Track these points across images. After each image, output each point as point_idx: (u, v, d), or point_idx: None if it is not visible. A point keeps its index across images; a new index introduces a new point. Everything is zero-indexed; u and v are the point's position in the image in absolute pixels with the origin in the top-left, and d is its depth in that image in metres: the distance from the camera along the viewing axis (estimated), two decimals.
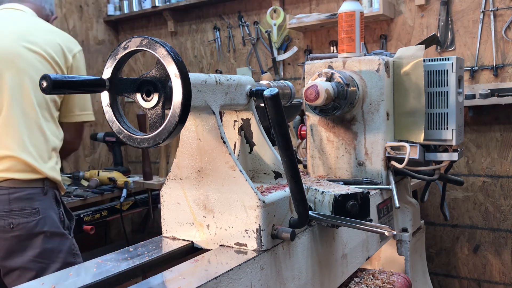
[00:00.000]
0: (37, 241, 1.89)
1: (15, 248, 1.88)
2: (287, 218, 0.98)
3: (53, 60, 1.98)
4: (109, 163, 4.13)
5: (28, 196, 1.88)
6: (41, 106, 1.93)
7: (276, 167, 1.09)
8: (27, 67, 1.91)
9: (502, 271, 2.87)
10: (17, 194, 1.86)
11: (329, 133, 1.51)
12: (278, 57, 3.38)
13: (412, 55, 1.45)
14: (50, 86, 0.71)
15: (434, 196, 2.97)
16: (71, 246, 1.99)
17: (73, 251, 2.00)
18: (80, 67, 2.12)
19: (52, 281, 0.83)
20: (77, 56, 2.10)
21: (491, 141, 2.81)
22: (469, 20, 2.81)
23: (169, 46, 0.78)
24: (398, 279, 1.29)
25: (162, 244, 1.01)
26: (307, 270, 1.04)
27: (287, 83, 1.26)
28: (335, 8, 3.19)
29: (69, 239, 1.99)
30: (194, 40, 3.86)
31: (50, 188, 1.96)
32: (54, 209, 1.96)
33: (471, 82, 2.79)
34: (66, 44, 2.05)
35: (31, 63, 1.92)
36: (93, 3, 4.06)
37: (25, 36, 1.94)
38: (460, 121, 1.54)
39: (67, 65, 2.04)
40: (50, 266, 1.90)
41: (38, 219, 1.89)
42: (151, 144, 0.80)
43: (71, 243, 1.99)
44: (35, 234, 1.88)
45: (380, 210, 1.40)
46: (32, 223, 1.87)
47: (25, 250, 1.89)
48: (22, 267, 1.88)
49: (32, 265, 1.88)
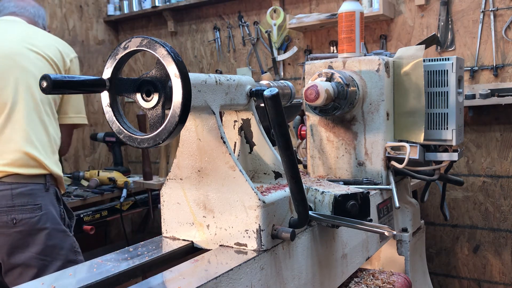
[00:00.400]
0: (39, 237, 1.90)
1: (18, 244, 1.88)
2: (287, 218, 0.98)
3: (53, 62, 2.04)
4: (109, 163, 4.13)
5: (31, 192, 1.90)
6: (44, 103, 1.98)
7: (276, 167, 1.09)
8: (30, 65, 1.97)
9: (502, 271, 2.87)
10: (19, 189, 1.88)
11: (329, 133, 1.51)
12: (278, 57, 3.38)
13: (412, 55, 1.45)
14: (50, 86, 0.71)
15: (434, 196, 2.97)
16: (72, 244, 2.00)
17: (75, 248, 2.01)
18: (76, 72, 2.18)
19: (52, 281, 0.83)
20: (73, 61, 2.16)
21: (491, 141, 2.81)
22: (469, 20, 2.81)
23: (169, 46, 0.78)
24: (398, 279, 1.29)
25: (162, 244, 1.01)
26: (307, 270, 1.04)
27: (287, 83, 1.26)
28: (335, 8, 3.19)
29: (70, 236, 2.00)
30: (194, 40, 3.86)
31: (52, 185, 1.98)
32: (55, 206, 1.98)
33: (471, 82, 2.79)
34: (64, 49, 2.12)
35: (33, 62, 1.98)
36: (93, 3, 4.06)
37: (26, 39, 2.01)
38: (460, 121, 1.54)
39: (65, 68, 2.10)
40: (52, 264, 1.91)
41: (41, 215, 1.90)
42: (151, 144, 0.80)
43: (72, 241, 2.01)
44: (38, 230, 1.89)
45: (380, 210, 1.40)
46: (34, 219, 1.88)
47: (28, 246, 1.90)
48: (24, 263, 1.88)
49: (34, 262, 1.89)
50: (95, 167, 3.97)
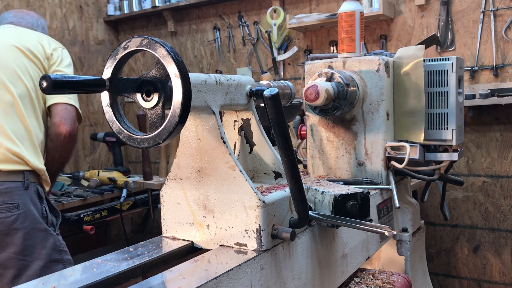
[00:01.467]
0: (17, 237, 1.85)
1: None
2: (287, 218, 0.98)
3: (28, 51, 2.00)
4: (109, 163, 4.13)
5: (7, 190, 1.85)
6: (23, 97, 1.94)
7: (276, 167, 1.09)
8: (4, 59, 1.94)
9: (502, 271, 2.87)
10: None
11: (329, 133, 1.51)
12: (278, 57, 3.38)
13: (412, 55, 1.45)
14: (50, 86, 0.71)
15: (434, 196, 2.97)
16: (56, 243, 1.94)
17: (59, 247, 1.96)
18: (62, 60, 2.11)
19: (52, 281, 0.83)
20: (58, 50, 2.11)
21: (491, 141, 2.81)
22: (469, 20, 2.81)
23: (169, 46, 0.78)
24: (398, 279, 1.29)
25: (162, 244, 1.01)
26: (307, 270, 1.04)
27: (287, 83, 1.26)
28: (335, 8, 3.19)
29: (53, 236, 1.94)
30: (194, 40, 3.86)
31: (32, 183, 1.92)
32: (36, 205, 1.92)
33: (471, 82, 2.79)
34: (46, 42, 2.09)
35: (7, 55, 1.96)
36: (93, 3, 4.06)
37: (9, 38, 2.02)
38: (460, 121, 1.54)
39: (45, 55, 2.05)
40: (32, 263, 1.86)
41: (18, 213, 1.85)
42: (151, 144, 0.80)
43: (55, 240, 1.95)
44: (15, 229, 1.84)
45: (380, 210, 1.40)
46: (11, 218, 1.84)
47: (5, 246, 1.85)
48: (2, 264, 1.84)
49: (12, 263, 1.84)
50: (95, 167, 3.97)
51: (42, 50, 2.05)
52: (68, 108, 2.06)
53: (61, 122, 2.02)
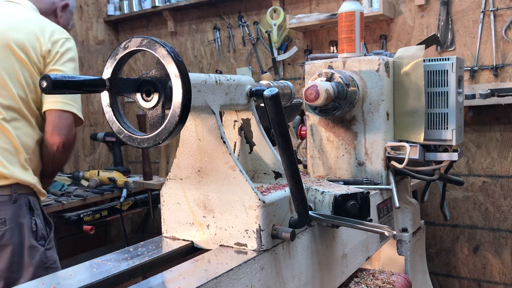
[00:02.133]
0: (4, 253, 1.75)
1: None
2: (287, 218, 0.98)
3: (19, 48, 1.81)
4: (109, 163, 4.13)
5: None
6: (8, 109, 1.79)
7: (276, 167, 1.09)
8: None
9: (502, 271, 2.87)
10: None
11: (329, 133, 1.51)
12: (278, 57, 3.38)
13: (412, 55, 1.45)
14: (50, 86, 0.71)
15: (434, 196, 2.97)
16: (42, 260, 1.83)
17: (45, 264, 1.84)
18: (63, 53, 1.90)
19: (52, 281, 0.83)
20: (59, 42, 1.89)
21: (491, 141, 2.81)
22: (469, 20, 2.81)
23: (169, 46, 0.78)
24: (398, 279, 1.28)
25: (162, 244, 1.01)
26: (307, 270, 1.04)
27: (287, 83, 1.26)
28: (335, 8, 3.19)
29: (39, 252, 1.83)
30: (194, 40, 3.86)
31: (21, 195, 1.80)
32: (26, 218, 1.81)
33: (471, 82, 2.79)
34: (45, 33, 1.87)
35: None
36: (93, 3, 4.06)
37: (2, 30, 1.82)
38: (460, 121, 1.53)
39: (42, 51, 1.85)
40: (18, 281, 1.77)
41: (5, 230, 1.75)
42: (151, 144, 0.80)
43: (43, 256, 1.84)
44: (2, 245, 1.75)
45: (380, 210, 1.40)
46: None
47: None
48: None
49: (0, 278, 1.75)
50: (95, 167, 3.97)
51: (37, 45, 1.83)
52: (62, 116, 1.87)
53: (54, 132, 1.86)
